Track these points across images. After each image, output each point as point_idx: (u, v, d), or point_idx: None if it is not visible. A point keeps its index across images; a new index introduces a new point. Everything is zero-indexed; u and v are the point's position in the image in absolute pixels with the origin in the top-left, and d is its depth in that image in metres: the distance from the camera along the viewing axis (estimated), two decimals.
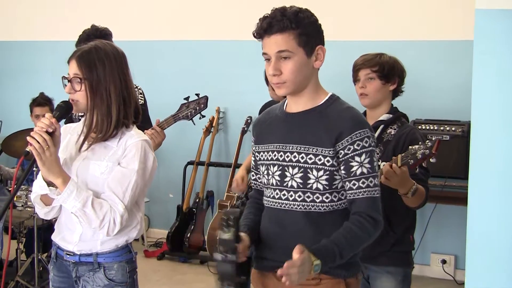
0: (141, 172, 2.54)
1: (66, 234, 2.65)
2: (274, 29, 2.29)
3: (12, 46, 7.55)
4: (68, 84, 2.55)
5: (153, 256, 6.25)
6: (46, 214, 2.66)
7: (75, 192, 2.43)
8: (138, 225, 2.64)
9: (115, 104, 2.53)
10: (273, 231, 2.42)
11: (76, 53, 2.55)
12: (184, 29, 6.71)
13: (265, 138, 2.49)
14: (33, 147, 2.38)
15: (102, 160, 2.55)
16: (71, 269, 2.64)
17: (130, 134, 2.58)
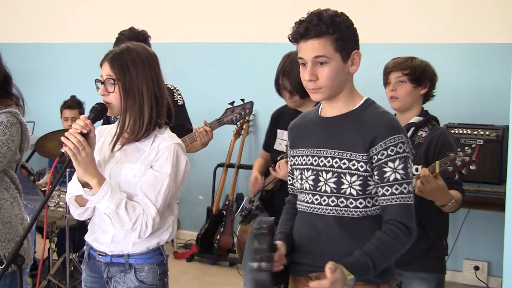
0: (173, 175, 2.55)
1: (98, 235, 2.67)
2: (311, 34, 2.28)
3: (44, 48, 7.64)
4: (102, 86, 2.57)
5: (182, 258, 6.27)
6: (80, 215, 2.69)
7: (109, 194, 2.45)
8: (170, 228, 2.66)
9: (148, 104, 2.55)
10: (306, 236, 2.41)
11: (109, 55, 2.57)
12: (215, 31, 6.73)
13: (300, 143, 2.49)
14: (67, 148, 2.41)
15: (135, 163, 2.57)
16: (103, 269, 2.67)
17: (163, 137, 2.59)
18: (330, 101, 2.39)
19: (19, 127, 2.88)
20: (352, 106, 2.38)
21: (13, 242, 2.90)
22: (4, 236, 2.88)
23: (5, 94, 2.95)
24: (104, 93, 2.56)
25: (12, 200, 2.94)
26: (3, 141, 2.81)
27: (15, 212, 2.94)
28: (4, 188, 2.91)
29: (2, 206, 2.89)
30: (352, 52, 2.33)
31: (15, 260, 2.27)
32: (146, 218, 2.49)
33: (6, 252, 2.86)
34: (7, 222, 2.90)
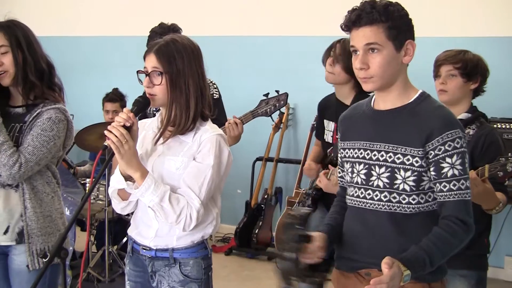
0: (216, 167, 2.51)
1: (142, 229, 2.64)
2: (363, 21, 2.22)
3: (84, 41, 7.67)
4: (146, 78, 2.52)
5: (220, 252, 6.25)
6: (122, 209, 2.66)
7: (153, 186, 2.42)
8: (214, 221, 2.62)
9: (194, 97, 2.51)
10: (356, 231, 2.36)
11: (154, 46, 2.53)
12: (255, 24, 6.68)
13: (351, 135, 2.43)
14: (110, 141, 2.38)
15: (177, 156, 2.54)
16: (147, 263, 2.64)
17: (204, 128, 2.55)
18: (383, 92, 2.33)
19: (65, 124, 2.90)
20: (407, 99, 2.31)
21: (53, 236, 2.92)
22: (45, 230, 2.90)
23: (50, 84, 2.95)
24: (149, 85, 2.52)
25: (53, 194, 2.96)
26: (50, 137, 2.82)
27: (55, 206, 2.96)
28: (45, 182, 2.93)
29: (43, 200, 2.91)
30: (406, 42, 2.26)
31: (58, 253, 2.26)
32: (190, 210, 2.46)
33: (47, 246, 2.88)
34: (47, 215, 2.91)
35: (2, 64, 2.84)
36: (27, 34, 2.91)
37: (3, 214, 2.88)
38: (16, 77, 2.86)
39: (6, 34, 2.85)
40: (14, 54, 2.84)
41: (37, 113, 2.86)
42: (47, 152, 2.82)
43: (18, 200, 2.87)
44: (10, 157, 2.75)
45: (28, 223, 2.86)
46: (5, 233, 2.89)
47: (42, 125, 2.82)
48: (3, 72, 2.85)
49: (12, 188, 2.87)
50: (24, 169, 2.77)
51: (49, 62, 2.98)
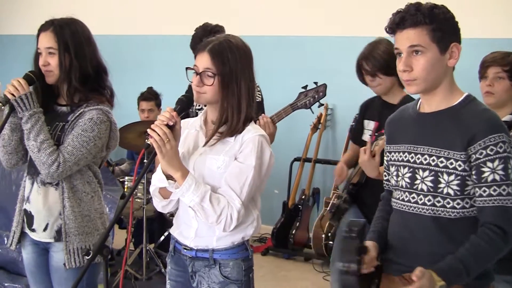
0: (258, 168, 2.49)
1: (183, 229, 2.64)
2: (407, 23, 2.21)
3: (123, 40, 7.73)
4: (197, 77, 2.50)
5: (257, 252, 6.24)
6: (163, 207, 2.67)
7: (193, 186, 2.41)
8: (255, 222, 2.61)
9: (245, 99, 2.50)
10: (401, 235, 2.34)
11: (207, 45, 2.50)
12: (293, 24, 6.67)
13: (397, 138, 2.41)
14: (153, 140, 2.37)
15: (219, 155, 2.52)
16: (187, 263, 2.64)
17: (247, 129, 2.53)
18: (428, 95, 2.30)
19: (108, 125, 2.90)
20: (451, 102, 2.28)
21: (91, 236, 2.94)
22: (82, 229, 2.92)
23: (99, 88, 2.96)
24: (198, 84, 2.49)
25: (93, 194, 2.97)
26: (90, 138, 2.83)
27: (95, 206, 2.97)
28: (86, 182, 2.94)
29: (82, 200, 2.93)
30: (451, 45, 2.24)
31: (101, 251, 2.27)
32: (231, 211, 2.45)
33: (83, 245, 2.91)
34: (86, 215, 2.93)
35: (48, 64, 2.87)
36: (79, 37, 2.90)
37: (43, 211, 2.92)
38: (60, 79, 2.88)
39: (56, 36, 2.85)
40: (61, 58, 2.85)
41: (80, 113, 2.87)
42: (87, 153, 2.84)
43: (58, 198, 2.90)
44: (50, 156, 2.77)
45: (66, 222, 2.89)
46: (45, 230, 2.93)
47: (83, 126, 2.83)
48: (48, 72, 2.88)
49: (52, 186, 2.90)
50: (62, 168, 2.79)
51: (100, 65, 2.97)
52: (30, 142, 2.81)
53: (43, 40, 2.88)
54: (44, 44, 2.87)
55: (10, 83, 2.84)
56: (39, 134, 2.79)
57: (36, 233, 2.96)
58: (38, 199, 2.92)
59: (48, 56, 2.86)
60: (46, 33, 2.87)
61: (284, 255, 6.17)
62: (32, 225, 2.95)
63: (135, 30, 7.67)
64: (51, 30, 2.86)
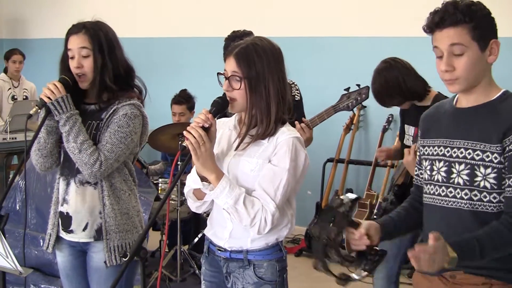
0: (292, 170, 2.50)
1: (217, 230, 2.67)
2: (446, 22, 2.21)
3: (156, 43, 7.81)
4: (226, 82, 2.53)
5: (290, 253, 6.25)
6: (197, 208, 2.70)
7: (227, 189, 2.43)
8: (289, 224, 2.63)
9: (274, 101, 2.50)
10: (439, 230, 2.33)
11: (234, 49, 2.53)
12: (327, 25, 6.67)
13: (431, 133, 2.43)
14: (189, 142, 2.40)
15: (253, 157, 2.54)
16: (222, 264, 2.66)
17: (281, 130, 2.54)
18: (467, 92, 2.31)
19: (141, 119, 2.95)
20: (489, 97, 2.29)
21: (130, 233, 2.99)
22: (122, 227, 2.97)
23: (127, 87, 3.00)
24: (228, 89, 2.52)
25: (130, 192, 3.02)
26: (127, 133, 2.88)
27: (132, 204, 3.03)
28: (123, 179, 3.00)
29: (121, 197, 2.98)
30: (490, 42, 2.24)
31: (138, 252, 2.30)
32: (265, 214, 2.46)
33: (124, 242, 2.95)
34: (125, 213, 2.98)
35: (81, 66, 2.89)
36: (110, 38, 2.95)
37: (82, 211, 2.96)
38: (93, 81, 2.92)
39: (90, 38, 2.89)
40: (95, 59, 2.89)
41: (113, 110, 2.91)
42: (125, 148, 2.89)
43: (97, 197, 2.95)
44: (91, 156, 2.82)
45: (107, 220, 2.93)
46: (84, 229, 2.97)
47: (119, 122, 2.87)
48: (81, 75, 2.91)
49: (91, 186, 2.95)
50: (105, 167, 2.84)
51: (129, 65, 3.02)
52: (70, 144, 2.85)
53: (75, 42, 2.89)
54: (77, 45, 2.88)
55: (46, 87, 2.87)
56: (78, 135, 2.83)
57: (75, 234, 3.00)
58: (77, 199, 2.96)
59: (82, 59, 2.89)
60: (78, 35, 2.90)
61: None
62: (70, 226, 2.99)
63: (168, 32, 7.73)
64: (84, 32, 2.89)
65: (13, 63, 7.61)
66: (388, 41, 5.24)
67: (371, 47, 6.35)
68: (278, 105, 2.52)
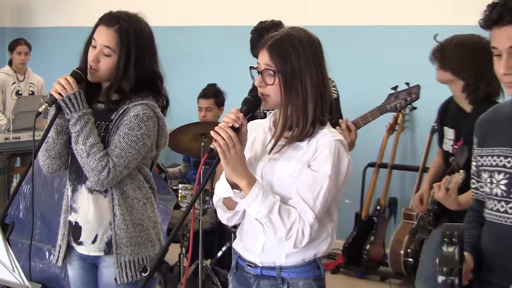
0: (334, 177, 2.48)
1: (248, 243, 2.66)
2: (506, 20, 2.17)
3: (178, 32, 7.82)
4: (258, 77, 2.53)
5: (326, 269, 6.21)
6: (229, 219, 2.68)
7: (260, 196, 2.42)
8: (329, 238, 2.60)
9: (312, 99, 2.49)
10: (497, 251, 2.32)
11: (268, 41, 2.52)
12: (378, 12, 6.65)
13: (490, 141, 2.39)
14: (217, 144, 2.38)
15: (290, 162, 2.53)
16: (251, 282, 2.65)
17: (322, 132, 2.53)
18: None
19: (155, 121, 2.92)
20: None
21: (143, 247, 2.97)
22: (135, 240, 2.95)
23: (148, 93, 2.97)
24: (261, 84, 2.52)
25: (145, 201, 3.00)
26: (138, 136, 2.85)
27: (148, 214, 3.00)
28: (137, 187, 2.98)
29: (134, 207, 2.96)
30: None
31: (159, 267, 2.29)
32: (303, 225, 2.44)
33: (135, 258, 2.94)
34: (138, 224, 2.96)
35: (98, 61, 2.88)
36: (143, 46, 2.91)
37: (91, 221, 2.96)
38: (108, 88, 2.91)
39: (119, 39, 2.86)
40: (118, 64, 2.87)
41: (124, 110, 2.90)
42: (136, 154, 2.86)
43: (107, 206, 2.93)
44: (100, 161, 2.80)
45: (117, 232, 2.92)
46: (94, 242, 2.97)
47: (129, 124, 2.86)
48: (94, 69, 2.89)
49: (101, 194, 2.94)
50: (113, 174, 2.82)
51: (156, 75, 2.99)
52: (78, 146, 2.84)
53: (103, 36, 2.88)
54: (103, 41, 2.87)
55: (56, 81, 2.85)
56: (88, 137, 2.82)
57: (84, 246, 3.00)
58: (85, 208, 2.96)
59: (102, 55, 2.88)
60: (109, 30, 2.87)
61: (357, 274, 6.15)
62: (79, 237, 2.99)
63: (195, 20, 7.74)
64: (116, 29, 2.87)
65: (18, 55, 7.62)
66: (443, 30, 5.16)
67: (422, 38, 6.29)
68: (316, 103, 2.50)
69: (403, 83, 4.15)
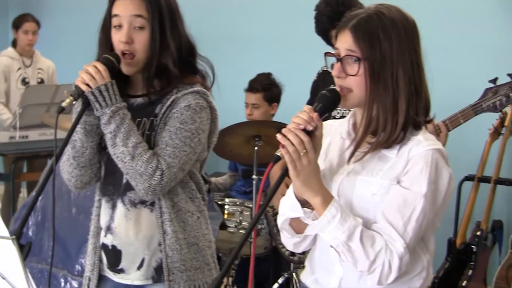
0: (430, 196, 2.48)
1: (321, 276, 2.68)
2: None
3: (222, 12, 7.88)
4: (337, 65, 2.53)
5: None
6: (296, 245, 2.70)
7: (338, 218, 2.42)
8: (424, 272, 2.60)
9: (404, 95, 2.49)
10: None
11: (350, 21, 2.52)
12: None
13: None
14: (285, 151, 2.38)
15: (375, 176, 2.53)
16: None
17: (416, 139, 2.53)
18: None
19: (209, 112, 2.95)
20: None
21: (200, 272, 3.00)
22: (190, 263, 2.98)
23: (190, 72, 3.03)
24: (340, 75, 2.52)
25: (199, 215, 3.03)
26: (193, 131, 2.88)
27: (203, 232, 3.04)
28: (188, 197, 3.01)
29: (187, 222, 2.98)
30: None
31: None
32: (390, 256, 2.44)
33: (192, 285, 2.97)
34: (193, 243, 2.99)
35: (132, 42, 2.90)
36: (171, 5, 2.97)
37: (135, 242, 2.98)
38: (146, 66, 2.93)
39: (148, 3, 2.89)
40: (153, 35, 2.90)
41: (172, 101, 2.92)
42: (191, 152, 2.88)
43: (155, 222, 2.95)
44: (148, 163, 2.81)
45: (169, 254, 2.94)
46: (139, 268, 3.00)
47: (181, 116, 2.88)
48: (129, 54, 2.91)
49: (146, 207, 2.97)
50: (167, 178, 2.82)
51: (190, 43, 3.04)
52: (117, 149, 2.85)
53: (127, 6, 2.90)
54: (131, 11, 2.89)
55: (83, 70, 2.86)
56: (128, 136, 2.83)
57: (126, 274, 3.02)
58: (127, 227, 2.98)
59: (134, 31, 2.90)
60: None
61: None
62: (119, 264, 3.02)
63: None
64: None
65: (24, 34, 7.62)
66: None
67: None
68: (409, 101, 2.50)
69: (505, 75, 4.09)
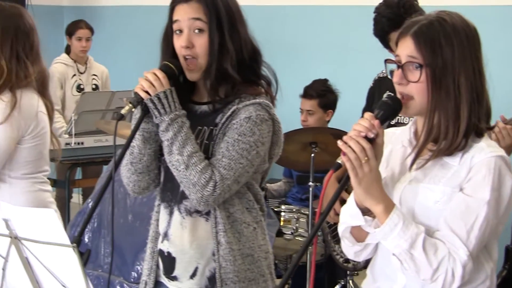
0: (494, 203, 2.47)
1: (382, 284, 2.68)
2: None
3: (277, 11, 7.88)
4: (398, 72, 2.53)
5: None
6: (357, 253, 2.71)
7: (400, 226, 2.42)
8: (488, 281, 2.59)
9: (466, 102, 2.48)
10: None
11: (411, 27, 2.53)
12: None
13: None
14: (346, 158, 2.38)
15: (437, 184, 2.53)
16: None
17: (478, 146, 2.53)
18: None
19: (270, 124, 2.94)
20: None
21: (255, 284, 2.99)
22: (244, 274, 2.98)
23: (253, 78, 3.03)
24: (401, 81, 2.52)
25: (256, 226, 3.03)
26: (251, 143, 2.87)
27: (259, 243, 3.03)
28: (245, 208, 3.01)
29: (243, 233, 2.98)
30: None
31: None
32: (453, 264, 2.43)
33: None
34: (248, 255, 2.99)
35: (192, 46, 2.91)
36: (231, 8, 2.96)
37: (190, 251, 2.99)
38: (207, 70, 2.93)
39: (206, 7, 2.90)
40: (211, 37, 2.91)
41: (232, 112, 2.92)
42: (248, 165, 2.88)
43: (210, 232, 2.96)
44: (202, 174, 2.81)
45: (222, 265, 2.95)
46: (192, 276, 3.01)
47: (240, 128, 2.87)
48: (191, 58, 2.92)
49: (201, 216, 2.98)
50: (220, 189, 2.82)
51: (254, 47, 3.04)
52: (173, 157, 2.87)
53: (187, 11, 2.91)
54: (190, 14, 2.90)
55: (142, 77, 2.89)
56: (185, 145, 2.85)
57: (179, 281, 3.03)
58: (182, 235, 2.99)
59: (194, 35, 2.91)
60: (189, 4, 2.91)
61: None
62: (173, 271, 3.04)
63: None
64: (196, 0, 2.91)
65: (78, 41, 7.67)
66: None
67: None
68: (471, 108, 2.50)
69: None
